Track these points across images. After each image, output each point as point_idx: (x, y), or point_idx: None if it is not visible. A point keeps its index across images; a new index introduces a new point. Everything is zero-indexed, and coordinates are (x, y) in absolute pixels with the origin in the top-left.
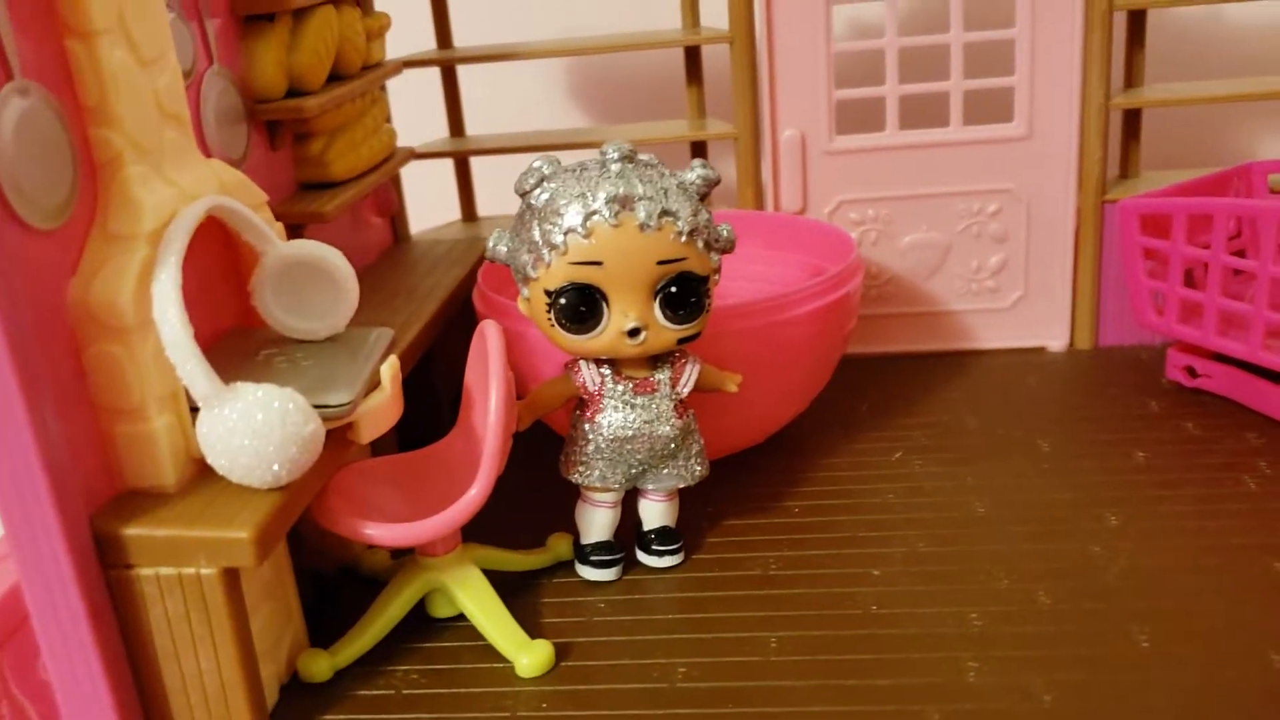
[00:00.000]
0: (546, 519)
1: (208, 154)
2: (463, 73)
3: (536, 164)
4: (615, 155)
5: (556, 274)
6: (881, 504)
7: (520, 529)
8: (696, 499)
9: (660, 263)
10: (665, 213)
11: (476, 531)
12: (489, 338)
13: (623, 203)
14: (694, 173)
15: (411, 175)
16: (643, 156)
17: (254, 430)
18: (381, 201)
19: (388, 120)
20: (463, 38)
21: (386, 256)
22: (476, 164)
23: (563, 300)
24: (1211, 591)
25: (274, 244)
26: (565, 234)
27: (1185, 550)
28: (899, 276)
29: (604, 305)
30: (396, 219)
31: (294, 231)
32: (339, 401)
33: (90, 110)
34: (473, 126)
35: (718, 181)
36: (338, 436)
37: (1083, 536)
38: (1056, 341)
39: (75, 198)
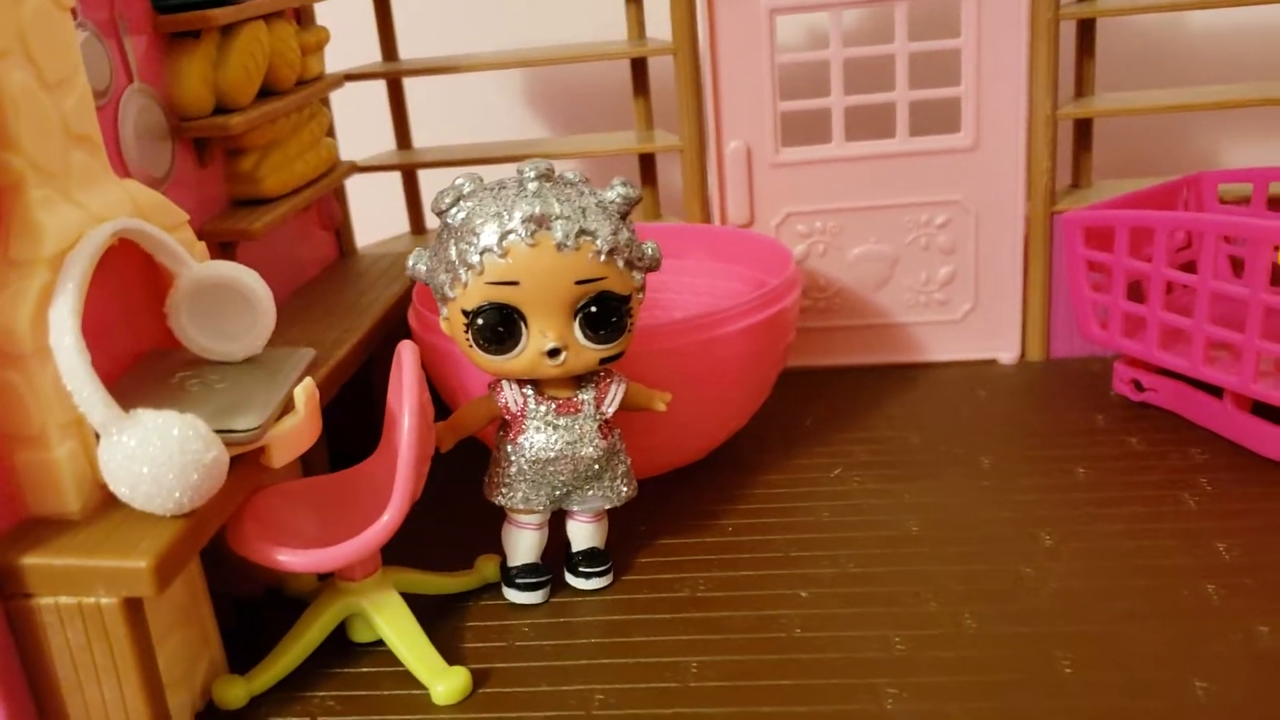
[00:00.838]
0: (478, 539)
1: (126, 174)
2: (417, 85)
3: (457, 182)
4: (532, 174)
5: (473, 294)
6: (816, 522)
7: (450, 550)
8: (629, 518)
9: (579, 282)
10: (583, 232)
11: (404, 553)
12: (404, 360)
13: (539, 222)
14: (614, 191)
15: (362, 188)
16: (567, 174)
17: (152, 458)
18: (325, 215)
19: (329, 134)
20: (414, 50)
21: (329, 271)
22: (425, 177)
23: (480, 320)
24: (1140, 615)
25: (188, 265)
26: (481, 254)
27: (1117, 572)
28: (847, 289)
29: (522, 325)
30: (341, 232)
31: (225, 249)
32: (246, 426)
33: None
34: (427, 139)
35: (638, 200)
36: (250, 461)
37: (1015, 557)
38: (1007, 354)
39: None
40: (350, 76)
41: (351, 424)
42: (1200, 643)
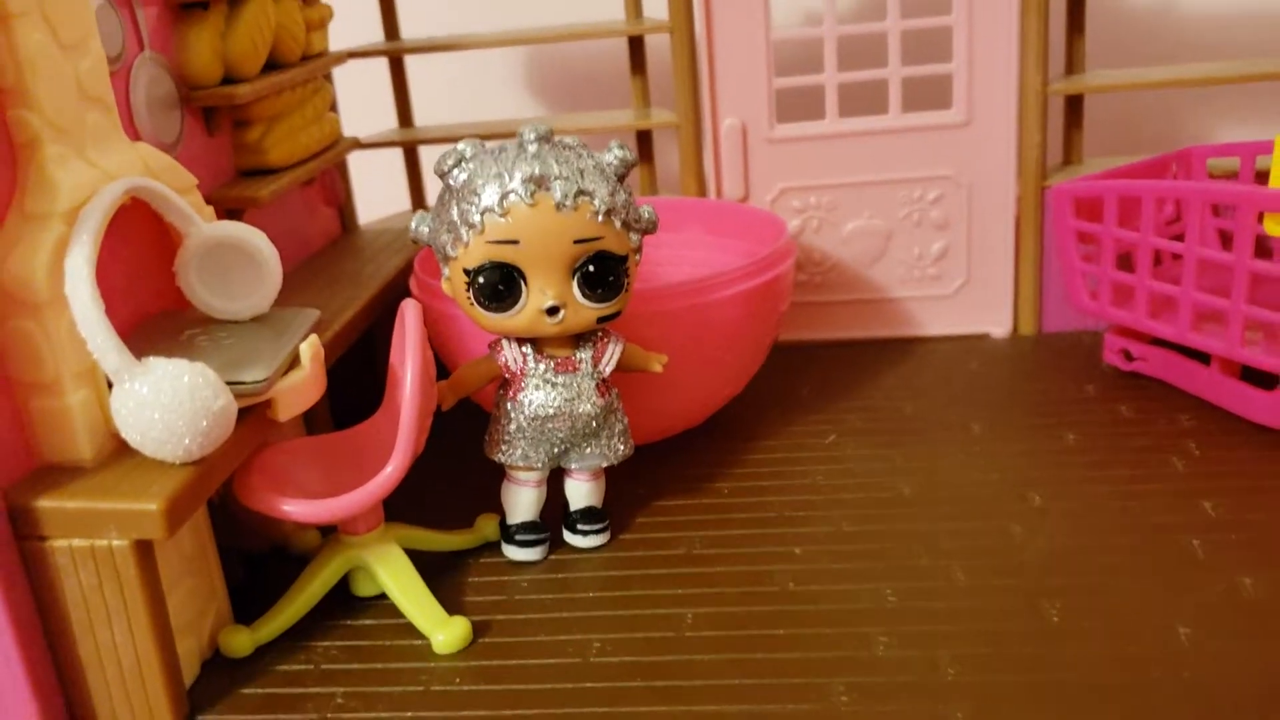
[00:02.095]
0: (478, 500)
1: (137, 138)
2: (419, 65)
3: (459, 145)
4: (532, 136)
5: (474, 253)
6: (810, 485)
7: (451, 510)
8: (627, 480)
9: (577, 241)
10: (581, 192)
11: (406, 512)
12: (407, 317)
13: (538, 182)
14: (611, 154)
15: (364, 166)
16: (567, 139)
17: (164, 404)
18: (329, 191)
19: (332, 109)
20: (417, 29)
21: (333, 245)
22: (426, 154)
23: (481, 279)
24: (1127, 569)
25: (197, 225)
26: (482, 213)
27: (1105, 529)
28: (841, 264)
29: (522, 284)
30: (344, 208)
31: (233, 217)
32: (253, 378)
33: (7, 91)
34: (429, 118)
35: (635, 163)
36: (258, 414)
37: (1005, 516)
38: (999, 328)
39: None
40: (353, 54)
41: (352, 394)
42: (1185, 593)
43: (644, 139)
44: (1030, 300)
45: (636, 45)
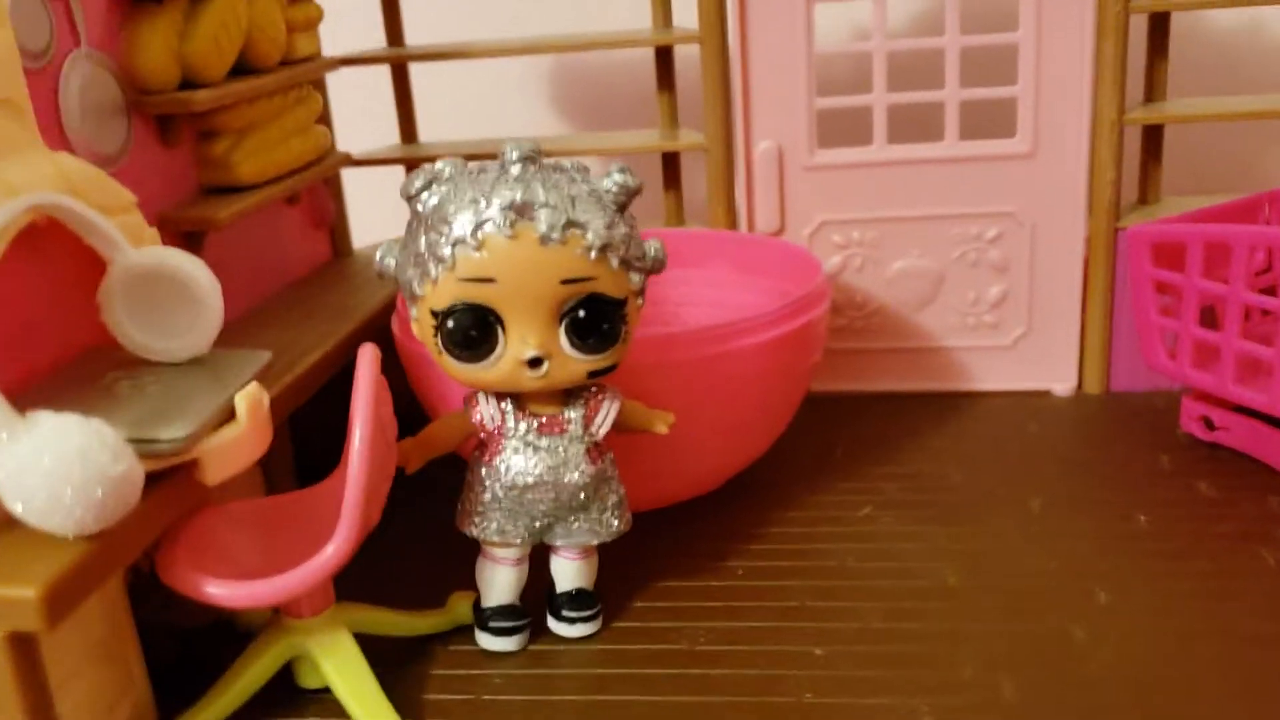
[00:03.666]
0: (454, 574)
1: (68, 147)
2: (427, 78)
3: (437, 164)
4: (515, 156)
5: (444, 292)
6: (839, 568)
7: (423, 585)
8: (625, 555)
9: (564, 282)
10: (571, 224)
11: (368, 587)
12: (360, 364)
13: (520, 210)
14: (609, 179)
15: (364, 186)
16: (565, 162)
17: (46, 469)
18: (316, 211)
19: (322, 121)
20: (425, 35)
21: (320, 271)
22: None
23: (451, 323)
24: (1214, 689)
25: (123, 251)
26: (453, 246)
27: (1186, 636)
28: (886, 307)
29: (499, 330)
30: (335, 230)
31: (191, 240)
32: (170, 436)
33: None
34: (437, 133)
35: (637, 190)
36: (183, 476)
37: (1066, 615)
38: (1062, 385)
39: None
40: (347, 60)
41: (327, 444)
42: None
43: (670, 162)
44: (1098, 355)
45: (664, 58)
